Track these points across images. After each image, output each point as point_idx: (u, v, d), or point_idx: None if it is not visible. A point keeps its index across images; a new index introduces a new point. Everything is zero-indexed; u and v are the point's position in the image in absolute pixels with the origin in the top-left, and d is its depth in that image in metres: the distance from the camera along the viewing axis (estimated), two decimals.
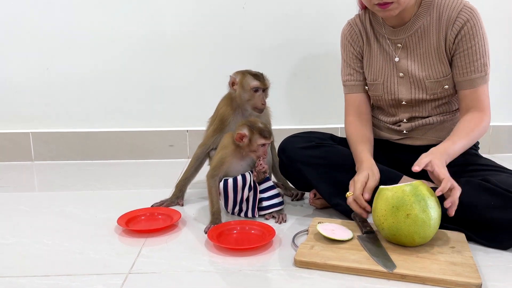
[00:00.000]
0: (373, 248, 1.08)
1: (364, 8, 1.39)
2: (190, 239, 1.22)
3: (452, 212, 1.06)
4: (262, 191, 1.35)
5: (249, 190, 1.32)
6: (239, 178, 1.31)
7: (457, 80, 1.27)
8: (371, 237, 1.13)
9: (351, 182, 1.22)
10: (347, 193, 1.20)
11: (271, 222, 1.31)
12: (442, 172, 1.08)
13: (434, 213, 1.05)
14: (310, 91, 2.04)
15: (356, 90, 1.43)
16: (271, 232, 1.19)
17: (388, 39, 1.33)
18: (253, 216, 1.33)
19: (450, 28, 1.24)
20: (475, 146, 1.46)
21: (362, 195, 1.17)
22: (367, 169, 1.22)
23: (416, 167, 1.09)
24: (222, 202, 1.34)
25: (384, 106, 1.40)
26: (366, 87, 1.41)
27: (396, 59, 1.32)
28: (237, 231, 1.24)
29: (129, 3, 1.92)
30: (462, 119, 1.27)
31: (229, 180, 1.31)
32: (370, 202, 1.17)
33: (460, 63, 1.25)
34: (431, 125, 1.35)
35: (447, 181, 1.05)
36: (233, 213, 1.37)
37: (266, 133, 1.29)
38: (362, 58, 1.41)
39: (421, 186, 1.07)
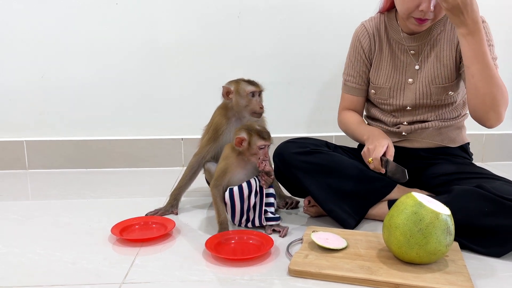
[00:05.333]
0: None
1: (383, 11, 1.43)
2: (184, 248, 1.22)
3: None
4: (266, 196, 1.33)
5: (255, 196, 1.29)
6: (244, 184, 1.29)
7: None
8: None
9: (371, 148, 1.27)
10: (369, 159, 1.26)
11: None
12: None
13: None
14: (304, 100, 2.05)
15: (355, 92, 1.49)
16: (269, 242, 1.18)
17: (401, 45, 1.38)
18: (260, 223, 1.31)
19: None
20: (469, 155, 1.47)
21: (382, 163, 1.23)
22: (387, 139, 1.29)
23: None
24: (229, 215, 1.32)
25: (387, 109, 1.44)
26: (373, 91, 1.44)
27: (410, 66, 1.37)
28: (235, 241, 1.23)
29: (125, 12, 1.93)
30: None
31: (234, 188, 1.29)
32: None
33: None
34: (430, 129, 1.39)
35: None
36: (240, 224, 1.34)
37: (264, 134, 1.27)
38: (370, 62, 1.45)
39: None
